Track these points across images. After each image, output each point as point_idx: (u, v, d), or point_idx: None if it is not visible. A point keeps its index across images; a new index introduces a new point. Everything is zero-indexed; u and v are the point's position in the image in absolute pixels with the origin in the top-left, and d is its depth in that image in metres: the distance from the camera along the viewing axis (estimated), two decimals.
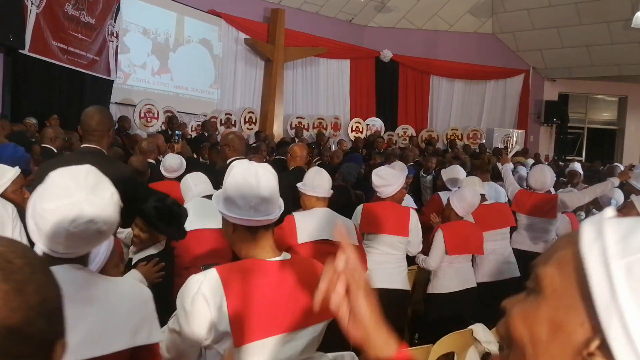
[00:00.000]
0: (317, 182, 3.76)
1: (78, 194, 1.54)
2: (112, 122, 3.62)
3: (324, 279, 1.10)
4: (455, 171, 6.46)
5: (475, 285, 4.75)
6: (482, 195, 5.38)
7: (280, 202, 2.06)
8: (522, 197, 5.69)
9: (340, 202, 4.61)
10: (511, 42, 17.00)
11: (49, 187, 1.57)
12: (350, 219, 4.24)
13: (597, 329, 0.64)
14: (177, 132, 8.56)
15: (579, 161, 13.10)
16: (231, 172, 2.00)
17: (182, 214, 2.95)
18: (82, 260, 1.64)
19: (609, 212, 0.71)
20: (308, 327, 1.98)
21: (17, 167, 3.11)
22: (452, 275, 4.60)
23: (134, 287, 1.78)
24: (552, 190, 6.19)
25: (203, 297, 1.84)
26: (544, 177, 5.67)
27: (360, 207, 4.44)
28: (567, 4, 14.61)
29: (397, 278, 4.41)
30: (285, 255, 2.04)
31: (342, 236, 1.13)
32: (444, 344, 3.31)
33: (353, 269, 1.09)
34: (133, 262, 2.94)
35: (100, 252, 2.35)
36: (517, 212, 5.66)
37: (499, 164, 9.52)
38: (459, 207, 4.65)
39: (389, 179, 4.41)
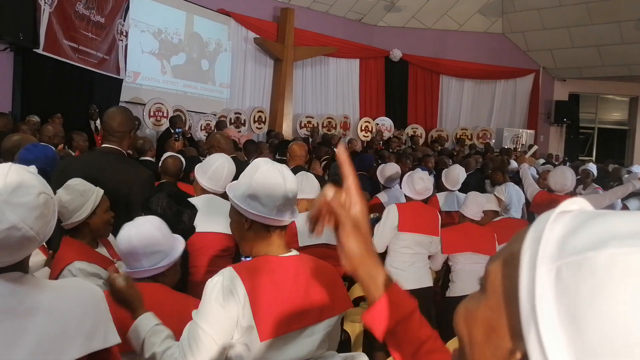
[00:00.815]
0: (303, 185, 3.78)
1: None
2: (134, 124, 3.69)
3: (314, 208, 1.09)
4: (456, 172, 6.39)
5: None
6: (500, 200, 5.39)
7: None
8: (542, 199, 5.55)
9: None
10: (521, 42, 16.93)
11: None
12: None
13: (520, 338, 0.57)
14: (177, 130, 8.53)
15: (590, 161, 13.04)
16: (257, 170, 1.98)
17: (186, 212, 2.91)
18: (20, 267, 1.47)
19: (567, 204, 0.64)
20: (322, 320, 1.99)
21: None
22: (467, 278, 4.62)
23: (83, 288, 1.61)
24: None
25: (227, 294, 1.83)
26: (564, 179, 5.47)
27: (394, 207, 4.50)
28: (578, 4, 14.53)
29: (427, 277, 4.58)
30: (295, 252, 2.06)
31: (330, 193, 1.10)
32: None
33: (345, 202, 1.08)
34: None
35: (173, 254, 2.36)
36: (536, 214, 5.57)
37: (514, 163, 9.50)
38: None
39: (428, 183, 4.60)
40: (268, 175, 1.95)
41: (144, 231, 2.30)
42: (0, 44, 8.34)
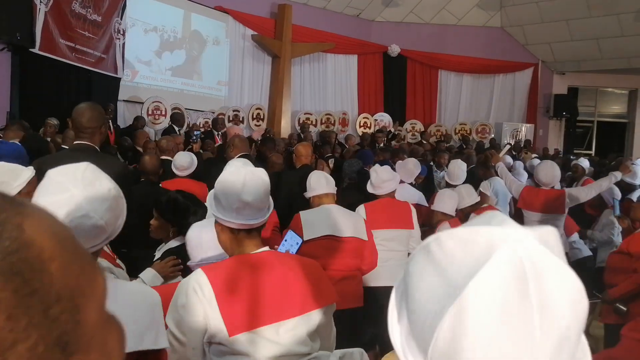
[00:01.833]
0: (311, 184, 3.93)
1: (74, 189, 1.53)
2: (103, 119, 3.55)
3: None
4: (455, 167, 6.42)
5: None
6: (485, 196, 5.41)
7: (270, 204, 2.09)
8: (530, 194, 5.60)
9: (351, 200, 4.68)
10: (520, 36, 16.90)
11: (46, 184, 1.56)
12: None
13: None
14: (195, 132, 8.63)
15: (589, 155, 13.03)
16: (223, 172, 2.06)
17: (191, 208, 3.01)
18: None
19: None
20: (304, 314, 2.00)
21: (31, 167, 3.09)
22: None
23: (141, 290, 1.75)
24: (558, 186, 6.14)
25: (194, 293, 1.89)
26: (554, 171, 5.58)
27: (361, 207, 4.48)
28: None
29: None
30: (266, 249, 2.09)
31: None
32: None
33: None
34: (156, 257, 3.00)
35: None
36: (525, 209, 5.59)
37: (508, 158, 9.51)
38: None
39: (387, 176, 4.55)
40: (228, 178, 2.00)
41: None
42: None
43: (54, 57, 9.07)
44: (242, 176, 1.98)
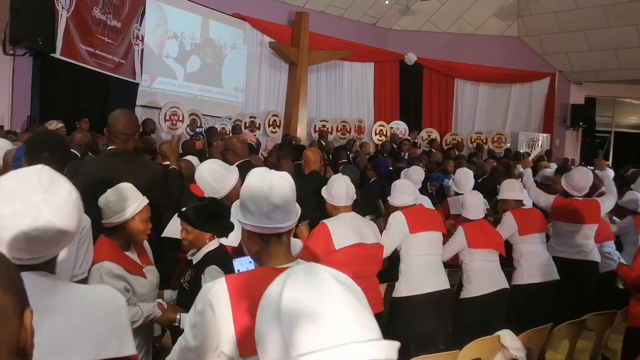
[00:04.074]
0: (335, 191, 3.88)
1: (33, 195, 1.46)
2: (138, 126, 3.66)
3: None
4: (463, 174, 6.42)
5: (507, 286, 4.77)
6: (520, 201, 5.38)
7: (297, 209, 2.04)
8: (564, 205, 5.46)
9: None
10: (537, 45, 16.84)
11: (1, 192, 1.47)
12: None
13: None
14: (197, 129, 8.54)
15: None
16: (247, 178, 2.00)
17: (222, 210, 2.99)
18: (47, 267, 1.54)
19: None
20: None
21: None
22: (484, 277, 4.63)
23: (105, 295, 1.64)
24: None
25: (210, 306, 1.84)
26: (588, 178, 5.51)
27: (399, 214, 4.49)
28: (595, 6, 14.43)
29: (444, 278, 4.55)
30: (299, 262, 2.00)
31: None
32: (470, 350, 3.28)
33: None
34: (194, 263, 3.01)
35: None
36: (559, 221, 5.48)
37: (520, 167, 9.45)
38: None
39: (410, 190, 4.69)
40: (255, 183, 1.96)
41: None
42: (19, 49, 8.43)
43: (73, 62, 9.18)
44: (269, 180, 1.94)
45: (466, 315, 4.63)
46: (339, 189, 3.85)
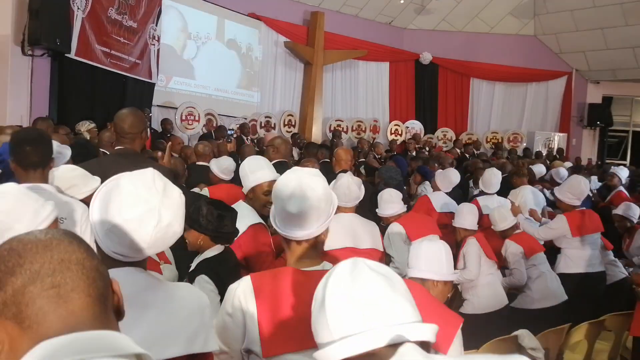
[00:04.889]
0: (335, 190, 3.64)
1: (153, 199, 1.54)
2: (144, 124, 3.61)
3: None
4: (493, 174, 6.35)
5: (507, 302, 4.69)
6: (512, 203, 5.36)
7: (327, 214, 1.97)
8: (579, 219, 5.26)
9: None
10: (554, 44, 16.71)
11: (122, 196, 1.55)
12: None
13: None
14: (228, 131, 8.47)
15: (624, 165, 12.77)
16: (278, 179, 1.99)
17: (224, 214, 2.86)
18: (143, 264, 1.65)
19: None
20: None
21: (98, 178, 3.09)
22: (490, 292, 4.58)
23: (192, 293, 1.73)
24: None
25: (239, 303, 1.85)
26: (585, 181, 5.46)
27: (398, 226, 4.55)
28: (613, 4, 14.29)
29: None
30: (325, 265, 1.98)
31: None
32: (488, 350, 3.27)
33: None
34: (193, 266, 2.89)
35: None
36: (584, 235, 5.23)
37: (541, 167, 9.39)
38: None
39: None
40: (279, 186, 1.95)
41: None
42: (38, 50, 8.51)
43: (89, 63, 9.25)
44: (293, 187, 1.90)
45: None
46: (339, 188, 3.69)
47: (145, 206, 1.53)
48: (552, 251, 5.30)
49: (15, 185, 2.06)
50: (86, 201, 3.20)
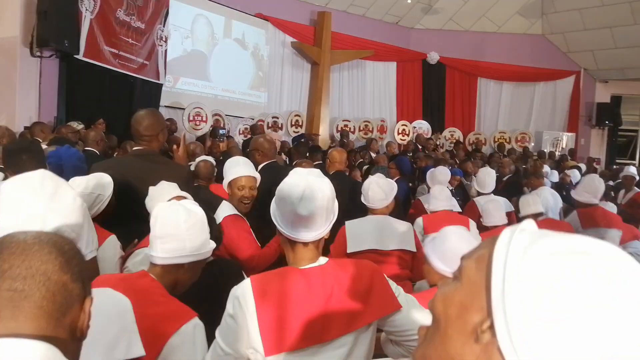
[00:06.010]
0: (370, 193, 3.85)
1: (37, 204, 1.40)
2: (162, 125, 3.63)
3: None
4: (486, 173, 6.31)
5: None
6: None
7: (332, 214, 1.97)
8: (591, 213, 5.27)
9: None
10: (562, 43, 16.64)
11: (3, 200, 1.41)
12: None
13: (490, 313, 0.79)
14: (221, 130, 8.50)
15: (632, 164, 12.69)
16: (284, 180, 1.96)
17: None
18: None
19: (526, 224, 0.85)
20: (351, 331, 1.90)
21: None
22: None
23: (110, 297, 1.63)
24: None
25: (239, 306, 1.83)
26: (600, 184, 5.42)
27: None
28: (621, 3, 14.21)
29: None
30: (321, 261, 1.97)
31: None
32: None
33: None
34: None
35: None
36: (599, 227, 5.22)
37: (547, 168, 9.32)
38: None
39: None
40: (287, 188, 1.91)
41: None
42: (46, 51, 8.53)
43: (97, 64, 9.27)
44: (302, 189, 1.87)
45: None
46: (369, 190, 3.83)
47: (25, 212, 1.40)
48: None
49: None
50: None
